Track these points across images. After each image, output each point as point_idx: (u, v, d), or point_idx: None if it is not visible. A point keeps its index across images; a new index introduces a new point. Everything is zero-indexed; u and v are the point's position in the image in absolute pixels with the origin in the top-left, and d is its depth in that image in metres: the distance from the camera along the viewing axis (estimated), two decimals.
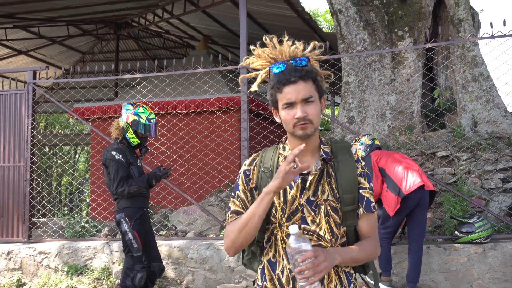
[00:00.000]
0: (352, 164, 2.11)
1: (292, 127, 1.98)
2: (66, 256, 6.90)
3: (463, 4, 7.67)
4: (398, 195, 5.17)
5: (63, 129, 22.38)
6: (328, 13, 22.46)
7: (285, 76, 1.97)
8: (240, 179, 2.12)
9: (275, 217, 2.02)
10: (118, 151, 5.00)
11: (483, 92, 7.42)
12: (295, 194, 2.02)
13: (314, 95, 1.98)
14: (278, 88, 1.99)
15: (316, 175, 2.04)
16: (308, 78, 1.97)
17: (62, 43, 13.98)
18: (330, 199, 2.03)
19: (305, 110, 1.95)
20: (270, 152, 2.14)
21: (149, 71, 8.81)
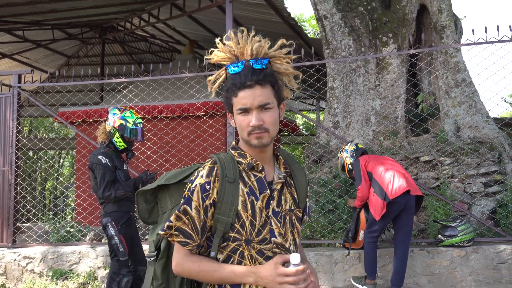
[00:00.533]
0: (303, 172, 2.05)
1: (247, 135, 1.82)
2: (51, 261, 6.87)
3: (445, 11, 7.79)
4: (384, 200, 5.23)
5: (48, 133, 22.22)
6: (313, 18, 22.60)
7: (241, 79, 1.80)
8: (195, 194, 1.81)
9: (240, 232, 1.80)
10: (105, 155, 5.01)
11: (466, 98, 7.53)
12: (262, 206, 1.84)
13: (272, 102, 1.82)
14: (233, 91, 1.82)
15: (280, 184, 1.91)
16: (266, 83, 1.81)
17: (47, 47, 13.91)
18: (293, 208, 1.94)
19: (261, 118, 1.79)
20: (226, 159, 1.88)
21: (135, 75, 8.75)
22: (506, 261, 5.70)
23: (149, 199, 2.08)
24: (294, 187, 1.98)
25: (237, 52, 1.86)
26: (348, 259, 5.99)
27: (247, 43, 1.85)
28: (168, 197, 2.03)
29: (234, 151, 1.92)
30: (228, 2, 7.36)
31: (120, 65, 15.60)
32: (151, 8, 10.74)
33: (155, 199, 2.08)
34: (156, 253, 2.00)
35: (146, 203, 2.08)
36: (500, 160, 7.08)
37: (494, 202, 6.73)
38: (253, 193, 1.85)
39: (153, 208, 2.09)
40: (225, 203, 1.79)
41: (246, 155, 1.89)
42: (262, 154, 1.89)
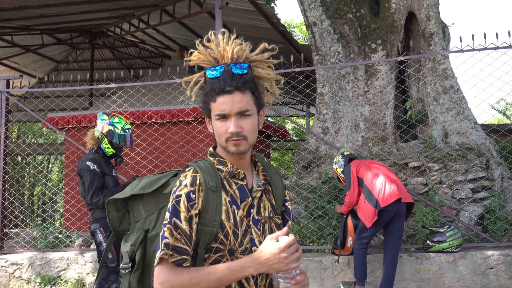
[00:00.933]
0: (280, 176, 1.99)
1: (225, 141, 1.76)
2: (38, 267, 6.82)
3: (433, 19, 7.86)
4: (376, 207, 5.24)
5: (37, 138, 22.09)
6: (303, 25, 22.69)
7: (220, 84, 1.74)
8: (182, 204, 1.71)
9: (223, 243, 1.73)
10: (93, 161, 4.99)
11: (454, 104, 7.59)
12: (243, 215, 1.79)
13: (252, 108, 1.76)
14: (211, 96, 1.77)
15: (260, 191, 1.86)
16: (246, 89, 1.75)
17: (36, 52, 13.85)
18: (272, 216, 1.89)
19: (239, 125, 1.73)
20: (206, 167, 1.80)
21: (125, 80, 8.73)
22: (494, 267, 5.75)
23: (119, 206, 1.99)
24: (272, 193, 1.94)
25: (217, 55, 1.81)
26: (337, 264, 6.01)
27: (228, 45, 1.80)
28: (142, 206, 1.94)
29: (213, 158, 1.85)
30: (218, 8, 7.38)
31: (110, 71, 15.57)
32: (141, 13, 10.74)
33: (126, 207, 1.99)
34: (130, 264, 1.89)
35: (117, 211, 1.99)
36: (488, 166, 7.14)
37: (482, 208, 6.78)
38: (234, 202, 1.79)
39: (124, 216, 2.00)
40: (210, 213, 1.72)
41: (226, 162, 1.83)
42: (241, 161, 1.83)
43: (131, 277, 1.89)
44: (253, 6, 8.84)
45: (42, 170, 20.79)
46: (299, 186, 7.50)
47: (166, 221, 1.71)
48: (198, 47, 1.84)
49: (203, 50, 1.83)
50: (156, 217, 1.90)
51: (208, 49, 1.82)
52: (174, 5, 9.58)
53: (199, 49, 1.84)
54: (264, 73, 1.85)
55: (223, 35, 1.81)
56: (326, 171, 7.43)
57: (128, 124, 5.20)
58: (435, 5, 7.89)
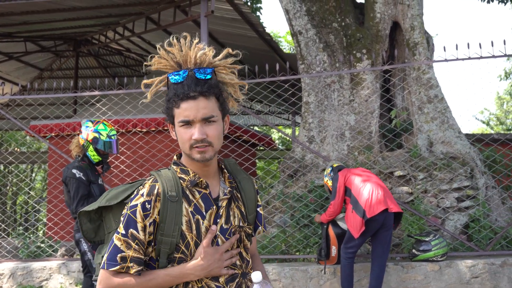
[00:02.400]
0: (251, 182, 1.95)
1: (189, 148, 1.72)
2: (20, 277, 6.70)
3: (418, 29, 7.92)
4: (363, 218, 5.22)
5: (19, 146, 21.84)
6: (289, 34, 22.79)
7: (183, 89, 1.69)
8: (138, 214, 1.68)
9: (185, 253, 1.71)
10: (79, 169, 4.93)
11: (438, 114, 7.64)
12: (209, 224, 1.75)
13: (217, 114, 1.73)
14: (175, 102, 1.71)
15: (226, 199, 1.82)
16: (210, 94, 1.71)
17: (19, 59, 13.70)
18: (242, 225, 1.86)
19: (204, 131, 1.70)
20: (167, 176, 1.77)
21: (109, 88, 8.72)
22: (479, 276, 5.76)
23: (93, 217, 1.95)
24: (242, 200, 1.89)
25: (180, 60, 1.76)
26: (323, 274, 5.98)
27: (191, 50, 1.76)
28: (112, 217, 1.90)
29: (176, 167, 1.82)
30: (203, 17, 7.37)
31: (94, 79, 15.46)
32: (126, 21, 10.68)
33: (100, 217, 1.96)
34: None
35: (91, 222, 1.95)
36: (472, 175, 7.18)
37: (466, 216, 6.80)
38: (198, 211, 1.75)
39: (99, 226, 1.97)
40: (168, 223, 1.69)
41: (189, 171, 1.79)
42: (206, 168, 1.79)
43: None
44: (238, 15, 8.83)
45: (25, 178, 20.54)
46: (285, 195, 7.47)
47: (121, 232, 1.68)
48: (159, 51, 1.79)
49: (164, 54, 1.78)
50: None
51: (170, 54, 1.78)
52: (159, 13, 9.54)
53: (160, 53, 1.79)
54: (228, 78, 1.82)
55: (185, 39, 1.77)
56: (312, 180, 7.42)
57: (113, 130, 5.16)
58: (419, 15, 7.96)
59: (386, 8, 8.01)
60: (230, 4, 8.28)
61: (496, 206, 7.22)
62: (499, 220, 7.00)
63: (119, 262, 1.66)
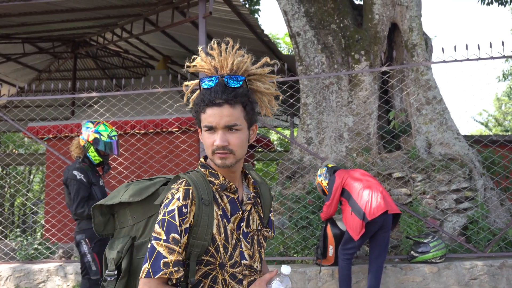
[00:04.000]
0: (268, 188, 1.99)
1: (211, 153, 1.75)
2: (17, 279, 6.68)
3: (416, 30, 7.91)
4: (363, 220, 5.20)
5: (17, 148, 21.79)
6: (287, 36, 22.78)
7: (210, 95, 1.72)
8: (176, 218, 1.69)
9: (214, 256, 1.73)
10: (80, 171, 4.91)
11: (436, 115, 7.63)
12: (233, 228, 1.79)
13: (241, 123, 1.74)
14: (202, 107, 1.75)
15: (250, 204, 1.86)
16: (236, 103, 1.73)
17: (17, 61, 13.66)
18: (260, 228, 1.90)
19: (226, 139, 1.71)
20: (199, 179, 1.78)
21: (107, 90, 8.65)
22: (478, 277, 5.74)
23: (104, 211, 1.98)
24: (261, 205, 1.94)
25: (217, 64, 1.79)
26: (321, 275, 5.96)
27: (229, 56, 1.79)
28: (129, 213, 1.92)
29: (204, 169, 1.83)
30: (201, 18, 7.35)
31: (92, 80, 15.43)
32: (124, 23, 10.66)
33: (111, 211, 1.98)
34: (116, 272, 1.87)
35: (102, 215, 1.98)
36: (471, 177, 7.17)
37: (465, 218, 6.79)
38: (225, 215, 1.78)
39: (108, 220, 1.99)
40: (202, 226, 1.70)
41: (218, 174, 1.81)
42: (232, 174, 1.82)
43: (117, 285, 1.87)
44: (237, 16, 8.82)
45: (23, 180, 20.49)
46: (283, 197, 7.46)
47: (162, 238, 1.68)
48: (200, 54, 1.84)
49: (204, 57, 1.83)
50: (144, 225, 1.89)
51: (210, 57, 1.82)
52: (158, 15, 9.53)
53: (201, 56, 1.84)
54: (264, 88, 1.85)
55: (227, 44, 1.81)
56: (310, 181, 7.40)
57: (114, 131, 5.15)
58: (417, 17, 7.95)
59: (384, 9, 8.00)
60: (228, 5, 8.26)
61: (495, 208, 7.22)
62: (497, 221, 6.99)
63: (162, 268, 1.65)
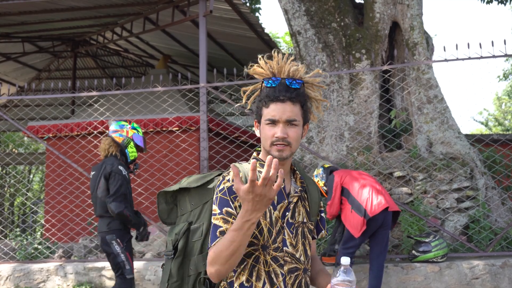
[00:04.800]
0: (316, 187, 2.14)
1: (270, 145, 1.92)
2: (17, 279, 6.65)
3: (417, 29, 7.89)
4: (364, 217, 5.18)
5: (17, 147, 21.77)
6: (287, 35, 22.74)
7: (275, 92, 1.92)
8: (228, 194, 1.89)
9: (257, 238, 1.89)
10: (124, 167, 4.95)
11: (438, 114, 7.61)
12: (278, 216, 1.94)
13: (299, 119, 1.94)
14: (265, 103, 1.95)
15: (296, 197, 2.01)
16: (297, 101, 1.93)
17: (17, 60, 13.63)
18: (306, 221, 2.03)
19: (286, 131, 1.90)
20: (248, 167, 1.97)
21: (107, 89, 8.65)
22: (479, 277, 5.72)
23: (169, 200, 2.20)
24: (307, 201, 2.07)
25: (275, 70, 1.97)
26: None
27: (286, 64, 1.97)
28: (188, 200, 2.13)
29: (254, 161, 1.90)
30: (202, 17, 7.33)
31: (92, 79, 15.41)
32: (124, 22, 10.63)
33: (175, 201, 2.19)
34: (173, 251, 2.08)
35: (166, 203, 2.20)
36: (472, 176, 7.15)
37: (466, 217, 6.77)
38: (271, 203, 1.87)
39: (172, 210, 2.20)
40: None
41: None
42: (281, 166, 1.91)
43: (172, 263, 2.08)
44: (237, 15, 8.80)
45: (23, 180, 20.47)
46: None
47: (217, 212, 1.88)
48: (260, 61, 2.01)
49: (263, 64, 2.00)
50: (199, 211, 2.08)
51: (268, 64, 1.99)
52: (158, 14, 9.50)
53: (260, 62, 2.01)
54: (313, 95, 2.04)
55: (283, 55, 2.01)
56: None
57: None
58: (418, 15, 7.93)
59: (385, 8, 7.98)
60: (229, 4, 8.24)
61: (496, 207, 7.19)
62: (499, 221, 6.97)
63: (218, 236, 1.83)
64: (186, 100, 10.36)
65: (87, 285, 6.42)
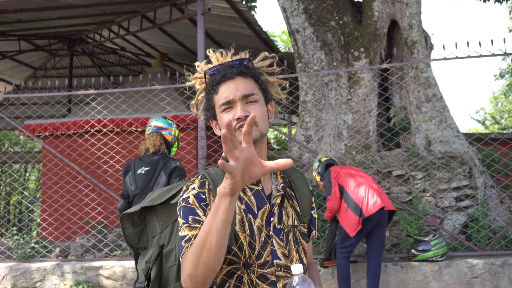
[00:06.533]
0: (305, 181, 1.84)
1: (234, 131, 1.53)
2: (14, 278, 6.61)
3: (416, 27, 7.87)
4: (360, 216, 5.14)
5: (13, 146, 21.69)
6: (284, 34, 22.72)
7: (220, 74, 1.66)
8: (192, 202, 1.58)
9: (237, 255, 1.58)
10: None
11: (436, 113, 7.59)
12: (261, 224, 1.62)
13: (258, 94, 1.66)
14: (214, 90, 1.67)
15: (280, 196, 1.69)
16: (248, 75, 1.67)
17: (13, 58, 13.56)
18: (297, 224, 1.72)
19: (246, 110, 1.60)
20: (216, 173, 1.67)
21: (104, 87, 8.62)
22: (479, 276, 5.70)
23: (137, 222, 1.85)
24: (296, 199, 1.77)
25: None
26: (321, 275, 5.91)
27: (227, 58, 1.74)
28: (156, 219, 1.79)
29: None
30: (200, 15, 7.29)
31: (89, 78, 15.35)
32: (121, 20, 10.58)
33: (144, 222, 1.85)
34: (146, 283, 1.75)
35: (134, 226, 1.86)
36: (471, 175, 7.13)
37: (465, 216, 6.76)
38: (250, 210, 1.62)
39: (143, 232, 1.86)
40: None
41: None
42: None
43: None
44: (235, 13, 8.76)
45: (19, 178, 20.39)
46: None
47: (181, 223, 1.56)
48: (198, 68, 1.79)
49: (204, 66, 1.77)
50: (170, 231, 1.76)
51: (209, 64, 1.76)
52: (155, 11, 9.45)
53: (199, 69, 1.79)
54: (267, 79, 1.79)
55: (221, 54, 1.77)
56: (310, 179, 7.35)
57: None
58: (417, 14, 7.91)
59: (384, 6, 7.95)
60: (227, 2, 8.20)
61: (495, 206, 7.18)
62: (498, 219, 6.96)
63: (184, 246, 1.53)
64: (183, 98, 10.32)
65: (85, 285, 6.38)
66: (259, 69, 1.77)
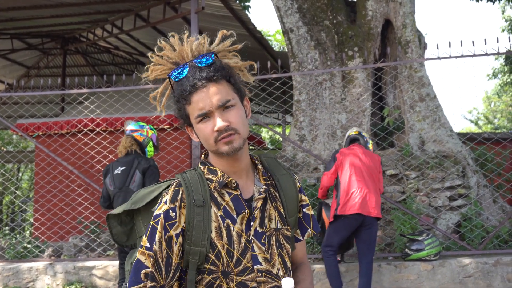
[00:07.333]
0: (291, 179, 1.75)
1: (214, 143, 1.54)
2: (6, 278, 6.57)
3: (410, 26, 7.88)
4: (335, 210, 5.20)
5: (6, 145, 21.57)
6: (278, 33, 22.71)
7: (189, 81, 1.54)
8: (160, 224, 1.52)
9: (215, 264, 1.53)
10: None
11: (430, 112, 7.60)
12: (240, 229, 1.56)
13: (233, 98, 1.56)
14: (185, 99, 1.55)
15: (261, 200, 1.61)
16: (219, 78, 1.55)
17: (5, 57, 13.48)
18: (280, 227, 1.65)
19: (226, 118, 1.52)
20: (193, 178, 1.60)
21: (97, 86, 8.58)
22: (472, 275, 5.72)
23: (125, 220, 1.78)
24: (280, 200, 1.68)
25: (177, 59, 1.62)
26: (315, 274, 5.91)
27: (184, 45, 1.62)
28: (141, 221, 1.73)
29: (203, 167, 1.64)
30: (193, 13, 7.27)
31: (82, 77, 15.28)
32: (114, 18, 10.54)
33: (132, 220, 1.79)
34: None
35: (122, 225, 1.78)
36: (464, 174, 7.15)
37: (458, 215, 6.77)
38: (228, 215, 1.56)
39: (132, 229, 1.79)
40: (196, 231, 1.52)
41: (217, 170, 1.60)
42: (237, 164, 1.61)
43: None
44: (229, 12, 8.74)
45: (11, 178, 20.29)
46: None
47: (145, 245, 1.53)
48: (152, 59, 1.66)
49: (159, 59, 1.65)
50: None
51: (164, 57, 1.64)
52: (149, 10, 9.42)
53: (154, 60, 1.66)
54: (232, 62, 1.67)
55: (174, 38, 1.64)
56: (304, 178, 7.35)
57: None
58: (411, 13, 7.92)
59: (378, 6, 7.96)
60: (220, 0, 8.18)
61: (488, 205, 7.20)
62: (491, 219, 6.98)
63: (142, 280, 1.51)
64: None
65: (77, 285, 6.35)
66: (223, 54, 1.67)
